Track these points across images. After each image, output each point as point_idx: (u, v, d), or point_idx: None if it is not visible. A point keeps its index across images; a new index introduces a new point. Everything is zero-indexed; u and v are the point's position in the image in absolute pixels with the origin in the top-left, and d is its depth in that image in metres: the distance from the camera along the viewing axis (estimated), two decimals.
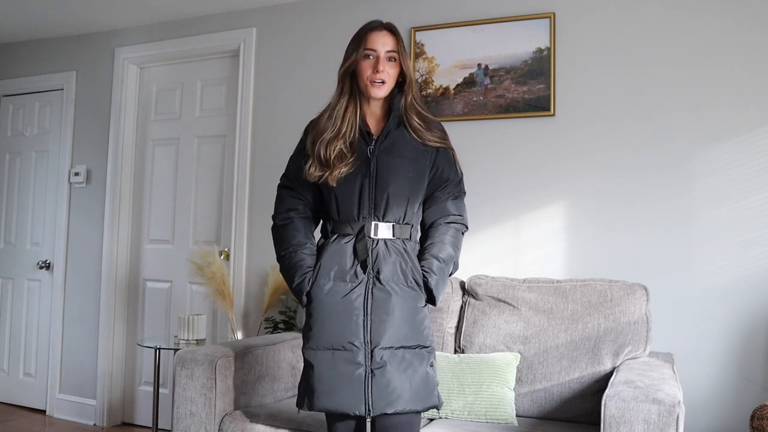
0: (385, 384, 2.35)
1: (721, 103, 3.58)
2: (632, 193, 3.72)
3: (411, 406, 2.38)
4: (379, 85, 2.53)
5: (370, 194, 2.51)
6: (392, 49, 2.55)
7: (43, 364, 5.55)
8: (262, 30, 4.84)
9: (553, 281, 3.55)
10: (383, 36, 2.56)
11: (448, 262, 2.57)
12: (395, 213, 2.51)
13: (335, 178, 2.49)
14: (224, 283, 4.47)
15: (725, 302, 3.50)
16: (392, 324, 2.40)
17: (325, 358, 2.42)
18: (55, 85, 5.67)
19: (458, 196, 2.68)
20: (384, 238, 2.50)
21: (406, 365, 2.39)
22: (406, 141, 2.55)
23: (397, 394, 2.35)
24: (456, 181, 2.67)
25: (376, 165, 2.51)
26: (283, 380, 3.58)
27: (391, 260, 2.47)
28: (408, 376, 2.38)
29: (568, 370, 3.27)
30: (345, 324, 2.42)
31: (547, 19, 3.93)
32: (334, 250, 2.52)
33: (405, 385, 2.37)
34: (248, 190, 4.77)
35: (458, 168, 2.68)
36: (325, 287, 2.48)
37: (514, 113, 3.98)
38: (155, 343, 4.26)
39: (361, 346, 2.40)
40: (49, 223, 5.64)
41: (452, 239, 2.60)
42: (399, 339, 2.40)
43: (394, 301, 2.43)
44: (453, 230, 2.62)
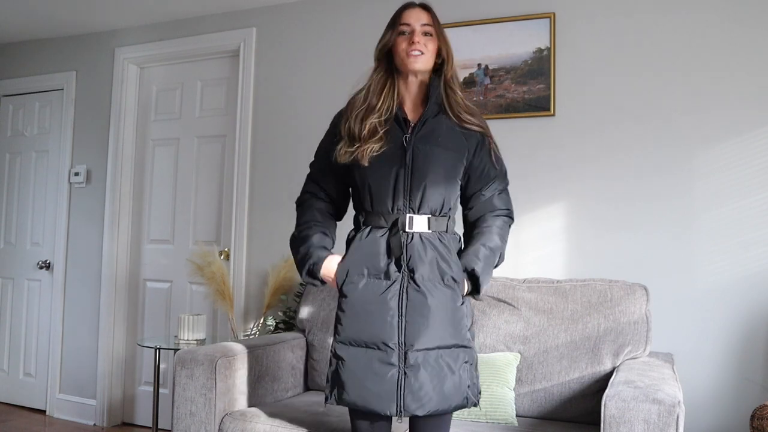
0: (418, 386, 2.30)
1: (721, 103, 3.58)
2: (632, 193, 3.72)
3: (441, 406, 2.33)
4: (417, 56, 2.48)
5: (405, 185, 2.43)
6: (427, 22, 2.52)
7: (43, 364, 5.55)
8: (262, 30, 4.84)
9: (553, 281, 3.55)
10: (417, 12, 2.54)
11: (495, 251, 2.51)
12: (431, 204, 2.44)
13: (366, 156, 2.43)
14: (224, 283, 4.47)
15: (725, 302, 3.50)
16: (428, 326, 2.33)
17: (358, 355, 2.37)
18: (55, 85, 5.67)
19: (503, 190, 2.64)
20: (419, 231, 2.43)
21: (440, 367, 2.33)
22: (444, 129, 2.50)
23: (429, 396, 2.30)
24: (500, 175, 2.63)
25: (412, 154, 2.44)
26: (283, 380, 3.58)
27: (428, 258, 2.40)
28: (441, 378, 2.33)
29: (568, 370, 3.27)
30: (380, 324, 2.36)
31: (547, 19, 3.93)
32: (368, 244, 2.46)
33: (437, 387, 2.32)
34: (248, 190, 4.77)
35: (500, 160, 2.64)
36: (360, 283, 2.42)
37: (514, 113, 3.99)
38: (155, 343, 4.26)
39: (395, 348, 2.33)
40: (49, 223, 5.64)
41: (499, 230, 2.56)
42: (435, 340, 2.34)
43: (431, 303, 2.35)
44: (501, 221, 2.59)
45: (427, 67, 2.52)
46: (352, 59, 4.29)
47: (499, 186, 2.63)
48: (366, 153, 2.43)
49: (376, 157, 2.44)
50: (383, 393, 2.31)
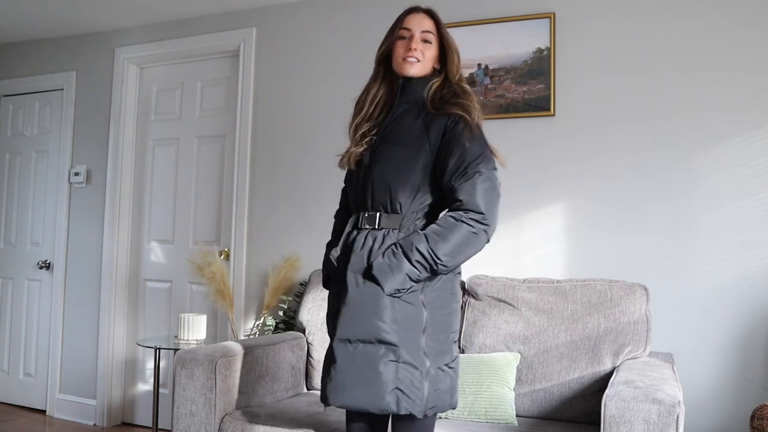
0: (334, 377, 2.31)
1: (721, 103, 3.58)
2: (632, 193, 3.72)
3: (364, 404, 2.28)
4: (412, 62, 2.48)
5: (362, 184, 2.48)
6: (428, 29, 2.51)
7: (43, 364, 5.55)
8: (262, 30, 4.84)
9: (553, 281, 3.55)
10: (420, 17, 2.54)
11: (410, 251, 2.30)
12: (381, 202, 2.42)
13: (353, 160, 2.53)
14: (224, 283, 4.47)
15: (725, 302, 3.50)
16: (347, 317, 2.34)
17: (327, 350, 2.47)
18: (55, 85, 5.67)
19: (469, 178, 2.33)
20: (369, 228, 2.44)
21: (358, 361, 2.30)
22: (407, 126, 2.47)
23: (345, 389, 2.29)
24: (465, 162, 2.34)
25: (370, 154, 2.49)
26: (283, 380, 3.58)
27: (362, 252, 2.39)
28: (360, 373, 2.29)
29: (568, 370, 3.27)
30: (329, 316, 2.52)
31: (547, 19, 3.93)
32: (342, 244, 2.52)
33: (356, 381, 2.29)
34: (248, 190, 4.77)
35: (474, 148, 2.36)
36: (334, 283, 2.52)
37: (514, 113, 3.99)
38: (155, 343, 4.26)
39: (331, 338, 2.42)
40: (49, 223, 5.64)
41: (439, 229, 2.33)
42: (353, 332, 2.32)
43: (350, 295, 2.34)
44: (442, 219, 2.37)
45: (420, 73, 2.52)
46: (352, 59, 4.28)
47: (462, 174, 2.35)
48: (352, 158, 2.53)
49: (355, 162, 2.54)
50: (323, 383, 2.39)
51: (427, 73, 2.53)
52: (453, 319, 2.45)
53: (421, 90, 2.51)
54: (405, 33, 2.51)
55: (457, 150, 2.36)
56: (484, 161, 2.37)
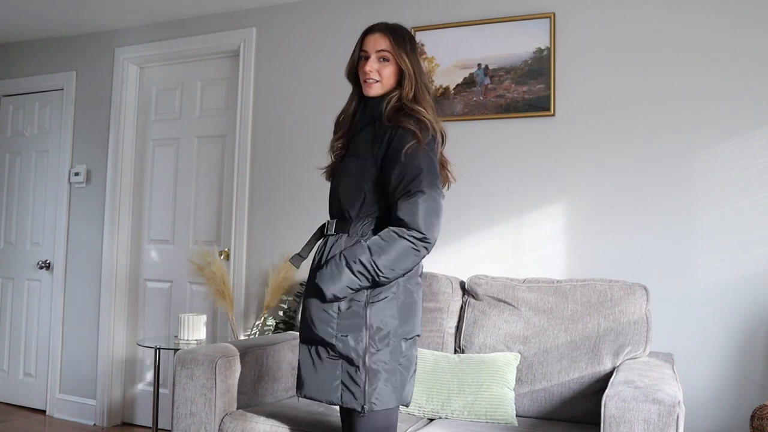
0: (300, 372, 2.51)
1: (721, 104, 3.58)
2: (632, 193, 3.72)
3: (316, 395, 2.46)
4: (371, 83, 2.54)
5: (330, 195, 2.66)
6: (383, 48, 2.54)
7: (43, 364, 5.55)
8: (262, 30, 4.84)
9: (553, 281, 3.55)
10: (376, 38, 2.57)
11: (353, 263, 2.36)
12: (338, 210, 2.57)
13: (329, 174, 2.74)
14: (224, 283, 4.47)
15: (725, 302, 3.50)
16: (304, 318, 2.52)
17: None
18: (55, 85, 5.67)
19: (408, 196, 2.36)
20: (329, 234, 2.58)
21: (310, 358, 2.48)
22: (360, 139, 2.56)
23: (305, 382, 2.48)
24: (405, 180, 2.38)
25: (336, 167, 2.66)
26: (283, 380, 3.58)
27: (318, 256, 2.57)
28: (312, 369, 2.47)
29: (568, 370, 3.27)
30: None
31: (547, 19, 3.93)
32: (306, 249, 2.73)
33: (310, 375, 2.47)
34: (248, 190, 4.77)
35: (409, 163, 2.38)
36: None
37: (514, 113, 3.99)
38: (155, 343, 4.26)
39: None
40: (49, 223, 5.64)
41: (380, 241, 2.38)
42: (305, 332, 2.50)
43: (304, 297, 2.55)
44: (387, 233, 2.39)
45: (383, 92, 2.56)
46: None
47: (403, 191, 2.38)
48: (329, 173, 2.74)
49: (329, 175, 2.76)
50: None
51: (389, 88, 2.56)
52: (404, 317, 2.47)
53: (379, 105, 2.56)
54: (363, 54, 2.59)
55: (399, 165, 2.39)
56: (426, 179, 2.39)
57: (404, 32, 2.61)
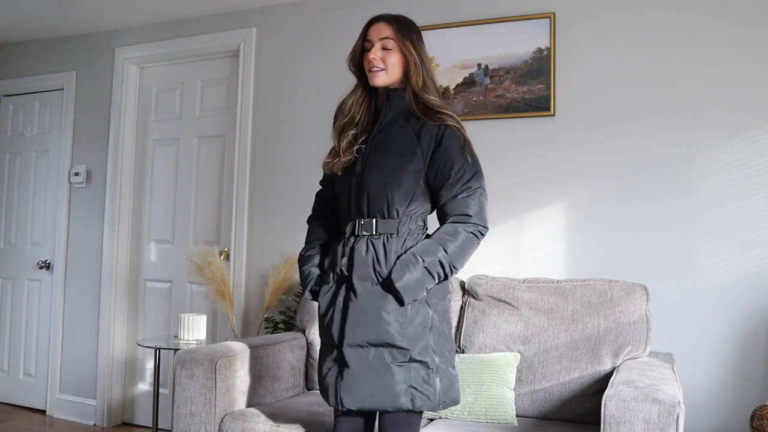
0: (350, 381, 2.39)
1: (722, 103, 3.58)
2: (632, 193, 3.72)
3: (377, 404, 2.38)
4: (376, 72, 2.54)
5: (357, 192, 2.52)
6: (387, 36, 2.55)
7: (43, 364, 5.55)
8: (262, 30, 4.85)
9: (553, 281, 3.55)
10: (379, 26, 2.57)
11: (432, 263, 2.41)
12: (377, 208, 2.49)
13: (340, 167, 2.57)
14: (224, 283, 4.47)
15: (725, 302, 3.51)
16: (357, 322, 2.41)
17: (323, 354, 2.55)
18: (55, 85, 5.67)
19: (470, 194, 2.49)
20: (367, 234, 2.50)
21: (374, 365, 2.39)
22: (396, 134, 2.54)
23: (359, 391, 2.38)
24: (464, 179, 2.49)
25: (362, 163, 2.53)
26: (283, 380, 3.58)
27: (367, 259, 2.46)
28: (373, 375, 2.38)
29: (568, 370, 3.27)
30: (329, 323, 2.50)
31: (547, 19, 3.93)
32: (333, 251, 2.59)
33: (369, 383, 2.38)
34: (248, 190, 4.77)
35: (468, 162, 2.50)
36: (325, 288, 2.56)
37: (514, 113, 3.99)
38: (155, 343, 4.25)
39: (337, 345, 2.45)
40: (49, 223, 5.64)
41: (450, 238, 2.45)
42: (363, 337, 2.40)
43: (359, 300, 2.42)
44: (454, 228, 2.47)
45: (389, 82, 2.57)
46: None
47: (462, 188, 2.49)
48: (340, 165, 2.57)
49: (344, 169, 2.58)
50: (330, 387, 2.46)
51: (396, 78, 2.58)
52: (449, 313, 2.58)
53: (402, 99, 2.58)
54: (367, 44, 2.58)
55: (457, 163, 2.49)
56: (481, 175, 2.56)
57: (409, 22, 2.63)
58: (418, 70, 2.55)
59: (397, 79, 2.58)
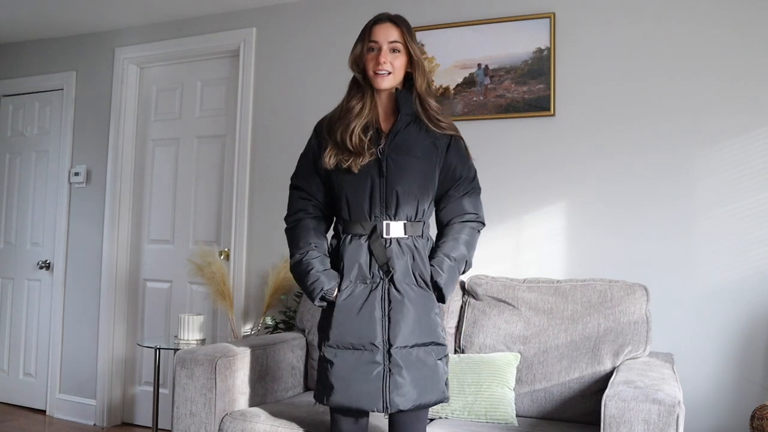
0: (401, 383, 2.43)
1: (722, 103, 3.58)
2: (632, 193, 3.72)
3: (422, 400, 2.46)
4: (383, 75, 2.55)
5: (381, 194, 2.53)
6: (395, 39, 2.57)
7: (43, 364, 5.55)
8: (262, 30, 4.85)
9: (553, 281, 3.55)
10: (386, 28, 2.58)
11: (460, 261, 2.60)
12: (406, 211, 2.54)
13: (359, 166, 2.53)
14: (224, 283, 4.47)
15: (725, 302, 3.51)
16: (406, 324, 2.46)
17: (346, 357, 2.49)
18: (55, 85, 5.67)
19: (473, 193, 2.71)
20: (396, 236, 2.53)
21: (420, 363, 2.47)
22: (416, 138, 2.58)
23: (410, 391, 2.43)
24: (469, 178, 2.69)
25: (386, 164, 2.53)
26: (283, 380, 3.58)
27: (404, 261, 2.51)
28: (420, 373, 2.46)
29: (568, 370, 3.27)
30: (366, 326, 2.48)
31: (547, 19, 3.93)
32: (352, 251, 2.55)
33: (417, 381, 2.45)
34: (248, 190, 4.78)
35: (471, 163, 2.72)
36: (347, 289, 2.53)
37: (514, 113, 3.99)
38: (155, 343, 4.26)
39: (380, 346, 2.46)
40: (49, 223, 5.64)
41: (467, 238, 2.63)
42: (413, 338, 2.47)
43: (408, 303, 2.48)
44: (468, 229, 2.65)
45: (394, 85, 2.61)
46: None
47: (468, 188, 2.70)
48: (358, 164, 2.53)
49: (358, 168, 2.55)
50: (371, 391, 2.44)
51: (399, 81, 2.62)
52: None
53: (409, 101, 2.62)
54: (373, 45, 2.58)
55: (466, 165, 2.69)
56: (477, 178, 2.75)
57: (408, 23, 2.66)
58: (422, 72, 2.61)
59: (399, 81, 2.61)
